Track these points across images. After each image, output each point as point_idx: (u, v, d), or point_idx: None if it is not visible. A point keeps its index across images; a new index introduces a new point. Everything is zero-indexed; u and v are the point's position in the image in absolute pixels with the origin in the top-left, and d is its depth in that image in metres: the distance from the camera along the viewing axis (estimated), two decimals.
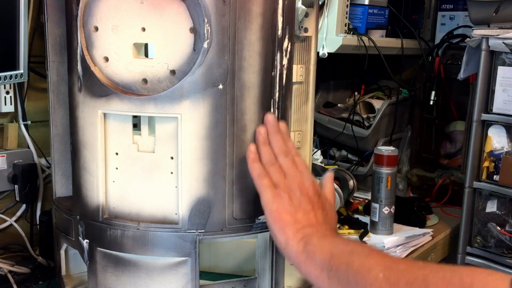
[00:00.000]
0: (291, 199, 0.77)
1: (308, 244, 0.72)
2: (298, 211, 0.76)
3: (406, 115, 1.99)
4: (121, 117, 0.84)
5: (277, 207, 0.77)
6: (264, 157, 0.81)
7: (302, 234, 0.74)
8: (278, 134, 0.83)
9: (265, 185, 0.79)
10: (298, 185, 0.78)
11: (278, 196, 0.77)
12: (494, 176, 1.51)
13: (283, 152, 0.81)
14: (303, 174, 0.80)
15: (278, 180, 0.79)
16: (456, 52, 1.86)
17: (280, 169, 0.80)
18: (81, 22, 0.83)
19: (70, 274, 1.02)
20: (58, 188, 1.02)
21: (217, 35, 0.79)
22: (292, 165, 0.80)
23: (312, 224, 0.76)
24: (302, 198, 0.77)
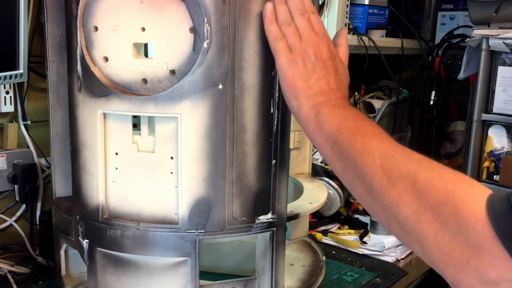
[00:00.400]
0: (305, 64, 0.77)
1: (318, 113, 0.74)
2: (312, 77, 0.77)
3: (406, 115, 1.99)
4: (121, 117, 0.84)
5: (291, 72, 0.78)
6: (280, 16, 0.80)
7: (314, 101, 0.76)
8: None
9: (280, 49, 0.78)
10: (313, 48, 0.78)
11: (293, 61, 0.78)
12: (494, 176, 1.51)
13: (300, 11, 0.79)
14: (318, 35, 0.79)
15: (294, 43, 0.78)
16: (456, 52, 1.86)
17: (296, 31, 0.79)
18: (81, 22, 0.83)
19: (70, 274, 1.02)
20: (58, 188, 1.02)
21: (217, 35, 0.79)
22: (308, 26, 0.79)
23: (325, 91, 0.77)
24: (317, 62, 0.77)
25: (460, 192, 0.56)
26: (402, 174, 0.61)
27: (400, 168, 0.62)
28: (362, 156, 0.66)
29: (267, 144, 0.87)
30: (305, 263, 1.13)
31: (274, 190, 0.89)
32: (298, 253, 1.16)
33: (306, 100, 0.76)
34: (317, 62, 0.78)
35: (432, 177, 0.59)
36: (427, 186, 0.58)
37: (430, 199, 0.57)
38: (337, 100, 0.77)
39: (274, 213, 0.88)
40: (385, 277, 1.18)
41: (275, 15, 0.80)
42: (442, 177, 0.59)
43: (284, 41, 0.79)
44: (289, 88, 0.78)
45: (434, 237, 0.56)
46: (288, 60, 0.78)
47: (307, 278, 1.07)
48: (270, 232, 0.89)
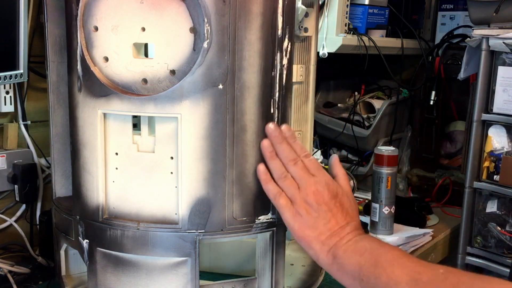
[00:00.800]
0: (309, 213, 0.79)
1: (336, 257, 0.76)
2: (319, 223, 0.79)
3: (406, 115, 1.99)
4: (121, 117, 0.84)
5: (298, 225, 0.80)
6: (274, 173, 0.83)
7: (328, 246, 0.78)
8: (283, 143, 0.83)
9: (282, 205, 0.81)
10: (314, 195, 0.80)
11: (297, 214, 0.80)
12: (494, 176, 1.51)
13: (292, 161, 0.82)
14: (315, 178, 0.81)
15: (293, 196, 0.80)
16: (456, 52, 1.86)
17: (293, 182, 0.81)
18: (81, 22, 0.83)
19: (70, 274, 1.02)
20: (58, 188, 1.02)
21: (217, 35, 0.79)
22: (303, 173, 0.81)
23: (336, 232, 0.78)
24: (320, 208, 0.79)
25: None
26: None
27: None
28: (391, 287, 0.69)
29: None
30: (305, 263, 1.13)
31: None
32: (298, 253, 1.16)
33: (321, 247, 0.78)
34: (320, 208, 0.79)
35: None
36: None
37: None
38: (349, 236, 0.78)
39: (274, 213, 0.88)
40: None
41: (269, 174, 0.83)
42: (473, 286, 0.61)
43: (283, 196, 0.81)
44: (301, 240, 0.80)
45: None
46: (292, 214, 0.80)
47: (307, 278, 1.07)
48: (270, 232, 0.89)
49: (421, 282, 0.66)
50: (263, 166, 0.83)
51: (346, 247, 0.77)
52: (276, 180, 0.82)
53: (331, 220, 0.79)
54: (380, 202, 1.41)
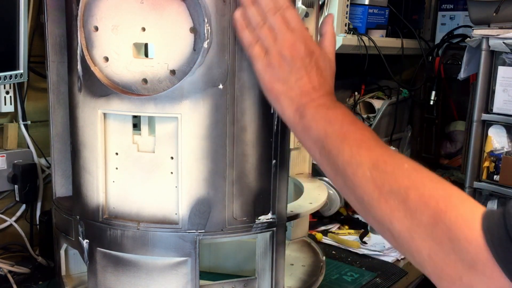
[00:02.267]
0: (281, 66, 0.75)
1: (303, 117, 0.72)
2: (290, 78, 0.74)
3: (406, 115, 1.99)
4: (121, 117, 0.84)
5: (269, 77, 0.76)
6: (251, 20, 0.77)
7: (297, 103, 0.74)
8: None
9: (255, 54, 0.76)
10: (289, 48, 0.74)
11: (269, 65, 0.75)
12: (494, 176, 1.51)
13: (271, 10, 0.76)
14: (294, 33, 0.75)
15: (269, 45, 0.75)
16: (456, 52, 1.86)
17: (270, 31, 0.75)
18: (81, 22, 0.83)
19: (70, 274, 1.02)
20: (58, 188, 1.02)
21: (217, 35, 0.79)
22: (282, 24, 0.75)
23: (306, 91, 0.74)
24: (294, 62, 0.74)
25: (451, 212, 0.56)
26: (393, 189, 0.61)
27: (390, 182, 0.62)
28: (352, 167, 0.66)
29: (267, 144, 0.87)
30: (305, 263, 1.13)
31: (274, 190, 0.89)
32: (298, 253, 1.16)
33: (288, 103, 0.74)
34: (294, 62, 0.74)
35: (423, 194, 0.59)
36: (419, 205, 0.58)
37: (423, 218, 0.57)
38: (320, 99, 0.74)
39: (274, 213, 0.88)
40: (385, 277, 1.18)
41: (245, 21, 0.77)
42: (433, 194, 0.59)
43: (258, 45, 0.76)
44: (269, 92, 0.76)
45: (428, 253, 0.57)
46: (264, 64, 0.76)
47: (307, 278, 1.07)
48: (270, 232, 0.89)
49: (384, 171, 0.63)
50: (240, 11, 0.77)
51: (316, 110, 0.72)
52: (253, 28, 0.77)
53: (303, 77, 0.74)
54: None
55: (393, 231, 0.61)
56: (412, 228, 0.58)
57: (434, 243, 0.56)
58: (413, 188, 0.60)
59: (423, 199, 0.58)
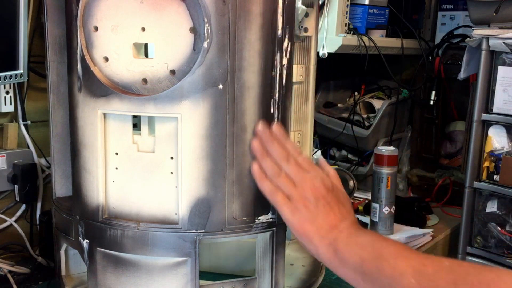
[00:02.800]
0: (307, 208, 0.79)
1: (337, 251, 0.75)
2: (318, 217, 0.78)
3: (406, 115, 1.99)
4: (121, 117, 0.84)
5: (297, 220, 0.79)
6: (268, 171, 0.82)
7: (328, 240, 0.77)
8: (273, 142, 0.83)
9: (279, 202, 0.80)
10: (310, 190, 0.79)
11: (295, 209, 0.79)
12: (494, 176, 1.51)
13: (284, 159, 0.82)
14: (310, 174, 0.81)
15: (290, 192, 0.80)
16: (456, 52, 1.86)
17: (288, 179, 0.81)
18: (81, 22, 0.83)
19: (70, 274, 1.02)
20: (58, 188, 1.02)
21: (217, 35, 0.79)
22: (297, 170, 0.81)
23: (334, 225, 0.78)
24: (318, 202, 0.79)
25: None
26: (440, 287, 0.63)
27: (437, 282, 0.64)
28: (395, 279, 0.68)
29: None
30: (305, 263, 1.13)
31: None
32: (298, 253, 1.16)
33: (321, 241, 0.77)
34: (318, 201, 0.79)
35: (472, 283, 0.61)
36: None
37: None
38: (348, 229, 0.78)
39: (274, 213, 0.88)
40: None
41: (263, 172, 0.82)
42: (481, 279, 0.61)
43: (280, 193, 0.80)
44: (301, 235, 0.79)
45: None
46: (290, 210, 0.79)
47: (307, 278, 1.07)
48: (270, 232, 0.89)
49: (426, 273, 0.65)
50: (257, 164, 0.83)
51: (347, 241, 0.76)
52: (271, 178, 0.82)
53: (329, 213, 0.79)
54: (380, 202, 1.41)
55: None
56: None
57: None
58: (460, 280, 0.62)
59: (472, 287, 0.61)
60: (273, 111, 0.87)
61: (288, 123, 0.91)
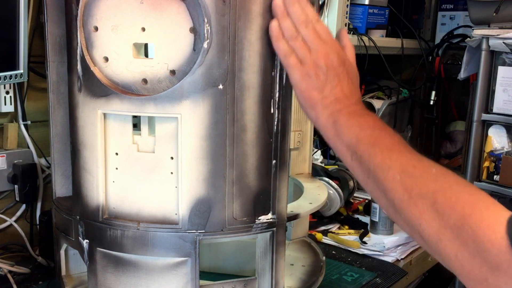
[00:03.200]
0: (318, 75, 0.79)
1: (336, 122, 0.76)
2: (326, 87, 0.78)
3: (406, 115, 1.99)
4: (121, 117, 0.84)
5: (306, 86, 0.79)
6: (286, 32, 0.81)
7: (330, 110, 0.77)
8: (295, 4, 0.81)
9: (292, 64, 0.80)
10: (324, 59, 0.79)
11: (306, 74, 0.79)
12: (494, 176, 1.51)
13: (303, 23, 0.80)
14: (326, 44, 0.80)
15: (304, 56, 0.79)
16: (456, 52, 1.86)
17: (304, 43, 0.80)
18: (81, 22, 0.83)
19: (70, 274, 1.02)
20: (58, 188, 1.02)
21: (217, 35, 0.79)
22: (314, 36, 0.80)
23: (340, 98, 0.78)
24: (329, 72, 0.79)
25: (476, 215, 0.58)
26: (422, 193, 0.64)
27: (419, 186, 0.64)
28: (383, 171, 0.69)
29: (267, 144, 0.87)
30: (305, 263, 1.13)
31: (274, 190, 0.89)
32: (298, 253, 1.16)
33: (323, 110, 0.78)
34: (329, 71, 0.79)
35: (450, 198, 0.61)
36: (446, 208, 0.61)
37: (450, 221, 0.60)
38: (352, 106, 0.78)
39: (274, 213, 0.88)
40: (385, 277, 1.18)
41: (281, 32, 0.81)
42: (459, 198, 0.61)
43: (294, 56, 0.80)
44: (306, 100, 0.80)
45: (455, 254, 0.59)
46: (301, 74, 0.79)
47: (307, 278, 1.07)
48: (270, 232, 0.89)
49: (413, 175, 0.66)
50: (276, 22, 0.81)
51: (348, 117, 0.76)
52: (287, 40, 0.81)
53: (337, 85, 0.78)
54: None
55: (422, 233, 0.63)
56: (439, 230, 0.61)
57: (460, 245, 0.59)
58: (440, 192, 0.62)
59: (449, 202, 0.61)
60: (273, 111, 0.87)
61: (288, 123, 0.91)
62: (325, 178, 1.44)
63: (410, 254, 1.33)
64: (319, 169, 1.50)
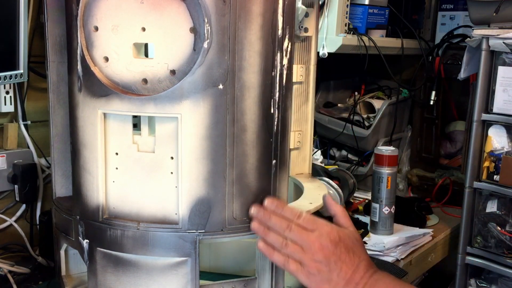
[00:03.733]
0: (320, 270, 0.81)
1: None
2: (332, 275, 0.81)
3: (406, 115, 1.99)
4: (121, 117, 0.84)
5: (315, 284, 0.81)
6: (274, 245, 0.83)
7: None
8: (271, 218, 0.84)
9: (293, 271, 0.82)
10: (319, 251, 0.81)
11: (309, 274, 0.81)
12: (494, 176, 1.50)
13: (286, 228, 0.83)
14: (315, 233, 0.82)
15: (301, 258, 0.82)
16: (456, 52, 1.86)
17: (295, 246, 0.82)
18: (81, 22, 0.83)
19: (70, 274, 1.02)
20: (58, 188, 1.02)
21: (217, 35, 0.79)
22: (300, 234, 0.82)
23: (349, 279, 0.81)
24: (329, 261, 0.81)
25: None
26: None
27: None
28: None
29: (267, 144, 0.87)
30: None
31: (274, 190, 0.89)
32: None
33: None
34: (330, 261, 0.81)
35: None
36: None
37: None
38: (364, 280, 0.81)
39: None
40: None
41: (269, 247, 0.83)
42: None
43: (291, 261, 0.82)
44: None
45: None
46: (305, 275, 0.81)
47: None
48: None
49: None
50: (262, 241, 0.84)
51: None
52: (279, 250, 0.83)
53: (342, 268, 0.81)
54: (380, 202, 1.41)
55: None
56: None
57: None
58: None
59: None
60: (273, 111, 0.87)
61: (288, 123, 0.91)
62: (325, 178, 1.44)
63: (410, 254, 1.33)
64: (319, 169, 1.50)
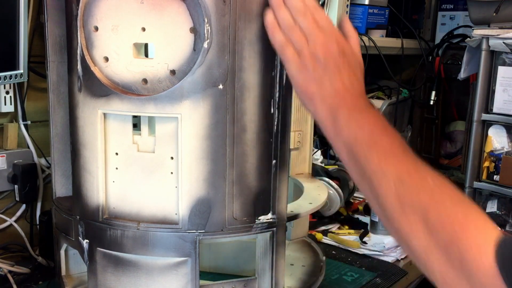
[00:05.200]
0: (315, 67, 0.74)
1: (335, 118, 0.72)
2: (324, 79, 0.73)
3: (406, 115, 1.99)
4: (121, 117, 0.84)
5: (303, 78, 0.75)
6: (282, 22, 0.76)
7: (329, 104, 0.73)
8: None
9: (288, 56, 0.75)
10: (322, 48, 0.74)
11: (303, 66, 0.74)
12: (494, 176, 1.51)
13: (301, 12, 0.75)
14: (325, 33, 0.75)
15: (301, 46, 0.75)
16: (456, 52, 1.86)
17: (301, 33, 0.75)
18: (81, 22, 0.83)
19: (70, 274, 1.02)
20: (58, 188, 1.02)
21: (217, 35, 0.79)
22: (312, 25, 0.75)
23: (339, 92, 0.73)
24: (327, 63, 0.74)
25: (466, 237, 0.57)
26: (414, 205, 0.62)
27: (412, 197, 0.62)
28: (377, 176, 0.66)
29: (267, 144, 0.87)
30: (305, 263, 1.13)
31: (274, 190, 0.89)
32: (298, 253, 1.16)
33: (321, 103, 0.73)
34: (328, 62, 0.74)
35: (441, 214, 0.60)
36: (437, 225, 0.59)
37: (439, 239, 0.59)
38: (353, 100, 0.73)
39: (274, 213, 0.88)
40: (385, 277, 1.18)
41: (277, 23, 0.77)
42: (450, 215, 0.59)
43: (290, 47, 0.75)
44: (303, 94, 0.75)
45: (440, 271, 0.59)
46: (298, 66, 0.75)
47: (307, 278, 1.07)
48: (270, 232, 0.89)
49: (407, 184, 0.63)
50: (271, 12, 0.77)
51: (348, 113, 0.71)
52: (283, 30, 0.76)
53: (337, 77, 0.73)
54: None
55: (410, 245, 0.62)
56: (428, 246, 0.60)
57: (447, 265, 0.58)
58: (433, 207, 0.61)
59: (440, 219, 0.59)
60: (273, 111, 0.87)
61: (288, 123, 0.91)
62: (325, 178, 1.44)
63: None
64: (319, 169, 1.50)
